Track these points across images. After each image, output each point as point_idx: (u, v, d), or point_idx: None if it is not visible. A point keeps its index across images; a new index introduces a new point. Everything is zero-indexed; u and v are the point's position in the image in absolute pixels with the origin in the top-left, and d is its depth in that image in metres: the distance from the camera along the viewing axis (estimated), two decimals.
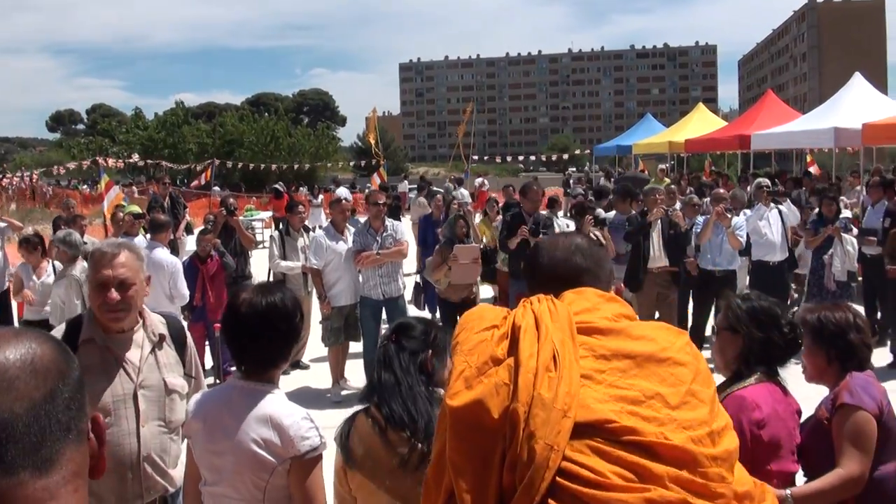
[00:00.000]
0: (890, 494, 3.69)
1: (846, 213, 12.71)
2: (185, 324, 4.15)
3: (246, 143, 61.74)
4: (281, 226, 12.43)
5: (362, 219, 10.53)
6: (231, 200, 11.86)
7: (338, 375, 10.00)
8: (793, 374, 3.86)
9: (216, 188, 37.72)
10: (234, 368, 3.96)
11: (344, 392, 9.96)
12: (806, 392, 4.06)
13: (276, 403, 3.20)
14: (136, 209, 12.56)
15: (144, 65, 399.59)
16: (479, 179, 31.09)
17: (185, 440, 3.50)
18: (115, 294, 3.69)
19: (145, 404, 3.73)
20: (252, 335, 3.20)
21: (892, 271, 10.57)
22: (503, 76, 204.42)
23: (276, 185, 32.46)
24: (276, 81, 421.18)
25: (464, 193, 22.88)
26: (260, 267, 13.01)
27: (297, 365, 11.38)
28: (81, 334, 3.74)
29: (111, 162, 35.73)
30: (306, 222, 11.71)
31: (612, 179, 28.81)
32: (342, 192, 28.72)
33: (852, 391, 3.70)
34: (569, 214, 12.11)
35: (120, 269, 3.72)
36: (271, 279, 11.20)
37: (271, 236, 11.31)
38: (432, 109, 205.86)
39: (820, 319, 3.87)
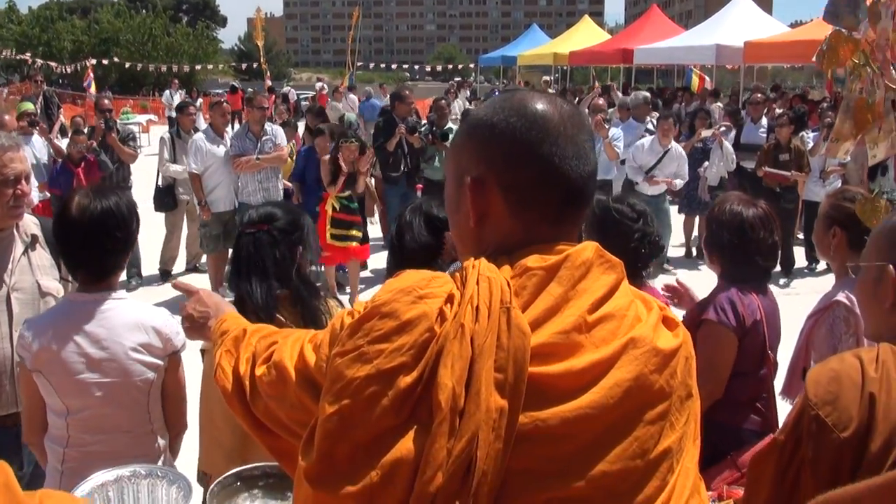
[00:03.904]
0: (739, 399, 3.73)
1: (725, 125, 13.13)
2: None
3: (122, 41, 59.59)
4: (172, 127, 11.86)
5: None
6: (107, 112, 11.29)
7: (217, 283, 9.83)
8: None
9: (93, 91, 36.31)
10: None
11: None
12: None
13: (138, 309, 3.19)
14: (29, 107, 11.84)
15: None
16: (319, 84, 30.98)
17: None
18: (25, 186, 3.52)
19: (18, 307, 3.54)
20: (85, 243, 3.05)
21: (767, 174, 10.99)
22: None
23: (233, 82, 31.73)
24: None
25: (371, 105, 21.87)
26: (143, 172, 12.55)
27: (195, 269, 11.28)
28: None
29: None
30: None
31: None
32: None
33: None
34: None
35: (25, 163, 3.56)
36: (160, 184, 10.80)
37: (161, 138, 10.84)
38: (316, 12, 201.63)
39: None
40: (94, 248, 3.05)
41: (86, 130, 10.96)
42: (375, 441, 1.33)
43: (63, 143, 10.81)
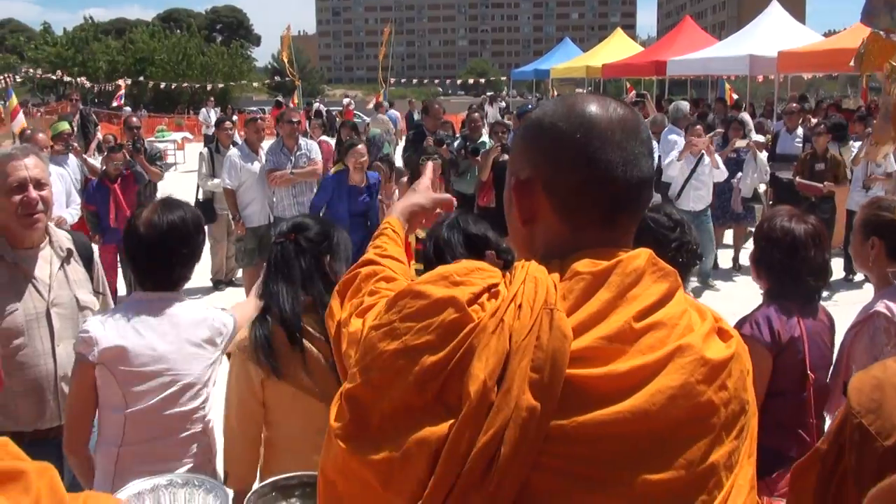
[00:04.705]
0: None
1: (759, 138, 13.01)
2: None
3: (157, 61, 60.27)
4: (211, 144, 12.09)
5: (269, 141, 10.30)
6: (135, 129, 11.46)
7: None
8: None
9: (127, 108, 36.77)
10: None
11: None
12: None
13: (202, 307, 3.38)
14: (65, 127, 12.02)
15: None
16: (347, 100, 31.54)
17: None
18: (34, 192, 3.50)
19: (59, 322, 3.57)
20: (153, 256, 3.20)
21: (801, 185, 10.94)
22: None
23: (278, 98, 32.15)
24: None
25: (390, 117, 21.80)
26: (179, 189, 12.62)
27: (231, 283, 11.45)
28: None
29: (24, 73, 34.47)
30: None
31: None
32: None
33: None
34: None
35: (34, 170, 3.54)
36: (200, 197, 10.94)
37: (200, 153, 11.13)
38: (349, 30, 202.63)
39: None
40: (163, 260, 3.21)
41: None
42: (401, 417, 1.36)
43: (98, 161, 10.97)
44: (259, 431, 3.10)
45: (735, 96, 21.88)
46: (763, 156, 11.93)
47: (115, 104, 34.22)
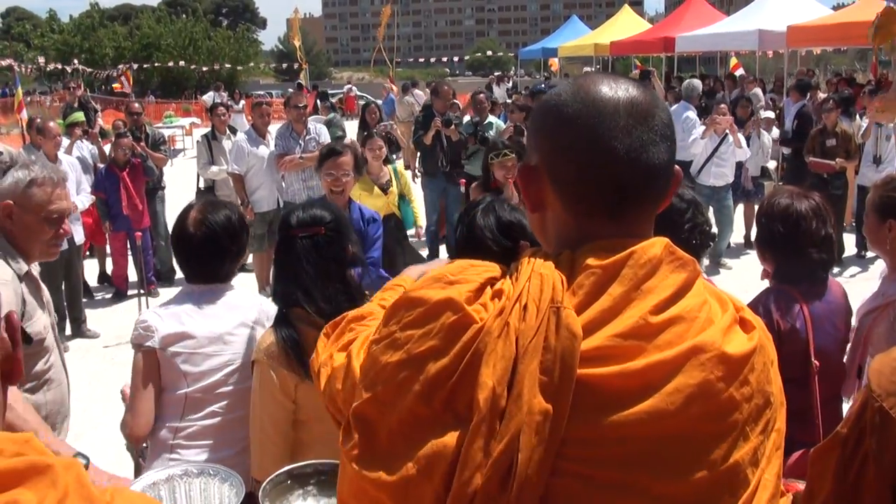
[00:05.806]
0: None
1: (769, 114, 12.97)
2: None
3: (164, 46, 60.19)
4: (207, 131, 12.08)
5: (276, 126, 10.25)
6: (135, 116, 11.42)
7: (263, 282, 9.88)
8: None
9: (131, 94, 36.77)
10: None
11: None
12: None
13: (249, 292, 3.58)
14: (80, 117, 12.06)
15: None
16: (348, 85, 31.77)
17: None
18: (68, 225, 3.50)
19: (59, 334, 3.56)
20: (203, 254, 3.29)
21: (813, 163, 10.91)
22: None
23: (299, 80, 32.20)
24: None
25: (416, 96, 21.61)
26: (187, 175, 12.67)
27: (243, 268, 11.34)
28: (20, 265, 3.38)
29: (29, 65, 34.51)
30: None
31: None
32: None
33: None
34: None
35: (69, 200, 3.55)
36: (201, 186, 10.93)
37: (198, 142, 11.08)
38: (355, 11, 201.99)
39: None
40: (213, 258, 3.31)
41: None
42: (412, 430, 1.32)
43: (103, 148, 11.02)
44: (290, 431, 3.07)
45: (741, 71, 21.73)
46: (774, 133, 11.87)
47: (121, 87, 34.16)
